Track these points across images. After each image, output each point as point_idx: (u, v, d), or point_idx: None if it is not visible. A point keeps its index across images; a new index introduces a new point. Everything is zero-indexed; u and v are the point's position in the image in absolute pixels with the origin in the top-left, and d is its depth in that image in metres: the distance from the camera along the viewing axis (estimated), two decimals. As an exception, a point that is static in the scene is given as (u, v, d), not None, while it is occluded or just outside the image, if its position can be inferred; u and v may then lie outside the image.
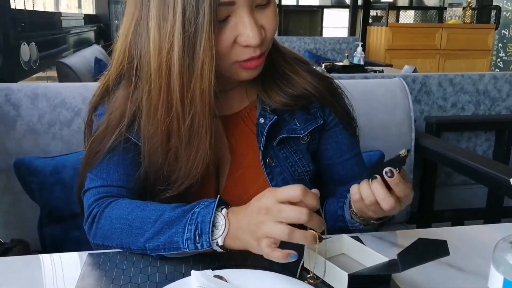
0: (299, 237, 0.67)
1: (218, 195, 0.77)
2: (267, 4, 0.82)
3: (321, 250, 0.72)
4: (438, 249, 0.64)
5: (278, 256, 0.67)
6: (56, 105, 1.35)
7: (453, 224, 2.30)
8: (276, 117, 0.92)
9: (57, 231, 1.28)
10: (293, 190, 0.68)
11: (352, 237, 0.81)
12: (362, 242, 0.80)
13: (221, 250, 0.74)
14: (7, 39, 1.68)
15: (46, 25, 2.38)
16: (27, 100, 1.34)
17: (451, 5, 5.83)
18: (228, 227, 0.73)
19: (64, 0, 3.75)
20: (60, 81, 2.29)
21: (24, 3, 1.91)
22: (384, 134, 1.59)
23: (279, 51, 0.96)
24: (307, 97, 0.94)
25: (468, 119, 2.18)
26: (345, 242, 0.80)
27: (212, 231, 0.73)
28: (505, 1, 6.04)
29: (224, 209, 0.74)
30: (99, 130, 0.89)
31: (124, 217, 0.81)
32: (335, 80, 1.01)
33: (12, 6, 1.78)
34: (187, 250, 0.74)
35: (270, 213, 0.68)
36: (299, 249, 0.70)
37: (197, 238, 0.73)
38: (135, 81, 0.84)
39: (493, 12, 5.82)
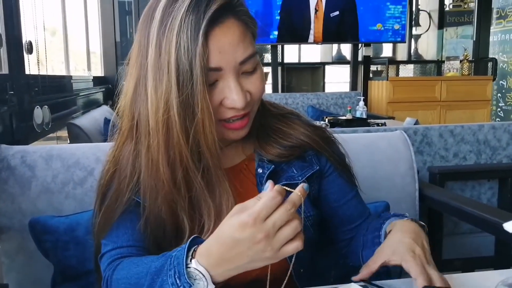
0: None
1: (194, 236, 0.78)
2: (253, 71, 0.88)
3: None
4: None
5: (300, 244, 0.71)
6: (70, 165, 1.39)
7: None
8: (273, 166, 0.96)
9: (70, 289, 1.30)
10: (269, 202, 0.69)
11: (361, 285, 0.83)
12: (370, 290, 0.82)
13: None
14: (22, 103, 1.75)
15: (58, 88, 2.47)
16: (42, 161, 1.38)
17: (448, 58, 5.97)
18: (206, 274, 0.73)
19: (72, 63, 3.88)
20: (71, 141, 2.35)
21: (38, 68, 1.99)
22: (388, 185, 1.62)
23: (268, 110, 1.02)
24: (303, 147, 0.99)
25: (470, 168, 2.22)
26: (354, 290, 0.82)
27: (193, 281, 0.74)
28: (500, 53, 6.18)
29: (194, 260, 0.74)
30: (111, 195, 0.93)
31: (125, 277, 0.84)
32: (327, 129, 1.07)
33: (27, 72, 1.87)
34: None
35: (268, 242, 0.69)
36: None
37: (178, 281, 0.74)
38: (136, 138, 0.90)
39: (490, 64, 5.95)
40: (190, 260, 0.74)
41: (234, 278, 0.75)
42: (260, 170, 0.97)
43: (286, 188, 0.72)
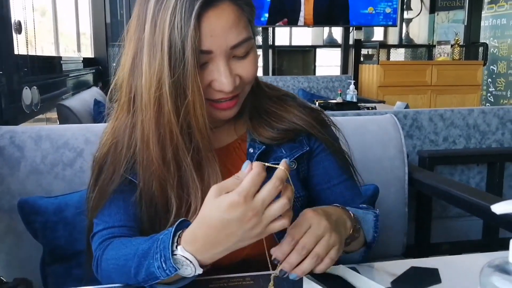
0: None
1: (181, 219, 0.79)
2: (245, 56, 0.87)
3: None
4: (430, 277, 0.67)
5: (287, 222, 0.71)
6: (59, 146, 1.38)
7: (450, 257, 2.31)
8: (264, 146, 0.96)
9: (59, 270, 1.30)
10: (256, 178, 0.68)
11: (349, 267, 0.84)
12: (359, 272, 0.83)
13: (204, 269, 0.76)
14: (11, 83, 1.73)
15: (47, 69, 2.44)
16: (31, 142, 1.38)
17: (439, 42, 5.97)
18: (194, 260, 0.73)
19: (62, 44, 3.83)
20: (60, 122, 2.34)
21: (27, 48, 1.97)
22: (378, 168, 1.62)
23: (263, 91, 1.01)
24: (296, 130, 0.98)
25: (459, 152, 2.23)
26: (342, 272, 0.83)
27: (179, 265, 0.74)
28: (491, 38, 6.20)
29: (179, 247, 0.74)
30: (107, 168, 0.93)
31: (114, 257, 0.85)
32: (324, 112, 1.06)
33: (16, 52, 1.84)
34: (163, 278, 0.76)
35: (257, 220, 0.69)
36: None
37: (164, 265, 0.75)
38: (132, 111, 0.90)
39: (481, 49, 5.97)
40: (176, 247, 0.74)
41: (223, 259, 0.76)
42: (251, 150, 0.97)
43: (268, 164, 0.72)
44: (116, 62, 0.95)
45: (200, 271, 0.75)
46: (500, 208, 0.56)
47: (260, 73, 5.73)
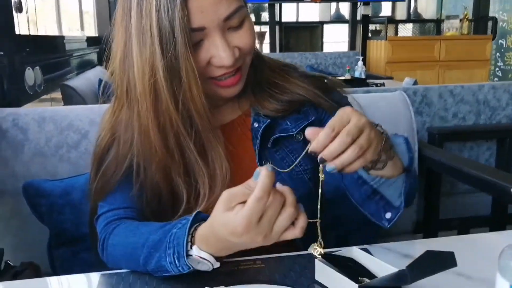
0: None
1: (195, 212, 0.77)
2: (240, 25, 0.84)
3: None
4: (446, 260, 0.65)
5: (299, 232, 0.70)
6: (63, 128, 1.37)
7: (459, 233, 2.30)
8: (269, 120, 0.94)
9: (66, 253, 1.29)
10: (257, 206, 0.66)
11: (361, 249, 0.82)
12: (371, 254, 0.81)
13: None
14: (12, 64, 1.70)
15: (50, 49, 2.41)
16: (35, 124, 1.36)
17: (448, 17, 5.88)
18: (210, 258, 0.74)
19: (65, 23, 3.79)
20: (64, 103, 2.32)
21: (29, 28, 1.94)
22: (387, 146, 1.60)
23: (264, 63, 0.99)
24: (300, 101, 0.96)
25: (469, 128, 2.19)
26: (354, 254, 0.81)
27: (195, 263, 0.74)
28: (500, 12, 6.09)
29: (194, 247, 0.74)
30: (109, 163, 0.91)
31: (121, 244, 0.84)
32: (328, 77, 1.02)
33: (17, 32, 1.81)
34: (174, 273, 0.75)
35: (266, 239, 0.69)
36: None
37: (177, 262, 0.74)
38: (127, 103, 0.87)
39: (490, 23, 5.86)
40: (191, 247, 0.74)
41: None
42: (256, 125, 0.94)
43: (275, 168, 0.69)
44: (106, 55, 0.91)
45: (217, 265, 0.75)
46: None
47: (267, 49, 5.68)
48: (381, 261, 0.76)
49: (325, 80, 1.01)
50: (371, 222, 1.49)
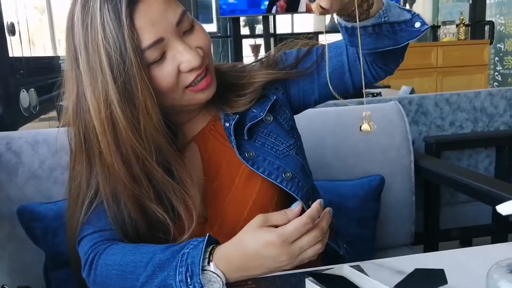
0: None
1: (207, 234, 0.79)
2: (192, 28, 0.87)
3: None
4: (436, 278, 0.65)
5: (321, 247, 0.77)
6: (57, 150, 1.36)
7: (461, 242, 2.28)
8: (237, 116, 0.96)
9: (62, 276, 1.29)
10: (301, 228, 0.74)
11: (352, 266, 0.81)
12: (363, 271, 0.81)
13: None
14: (7, 87, 1.71)
15: (45, 70, 2.42)
16: (28, 147, 1.36)
17: (444, 23, 5.88)
18: (223, 278, 0.76)
19: (61, 43, 3.80)
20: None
21: (22, 50, 1.95)
22: (383, 158, 1.59)
23: (218, 70, 1.00)
24: (261, 87, 0.98)
25: (467, 136, 2.19)
26: (345, 272, 0.81)
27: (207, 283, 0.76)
28: (497, 16, 6.09)
29: (212, 264, 0.77)
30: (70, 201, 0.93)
31: (118, 263, 0.83)
32: (271, 52, 1.06)
33: (11, 55, 1.82)
34: None
35: (290, 261, 0.75)
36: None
37: (189, 280, 0.75)
38: (86, 151, 0.88)
39: (487, 28, 5.87)
40: (208, 263, 0.77)
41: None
42: (227, 124, 0.96)
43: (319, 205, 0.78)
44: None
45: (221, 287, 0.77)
46: (505, 208, 0.53)
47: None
48: (372, 280, 0.75)
49: (266, 57, 1.05)
50: (366, 237, 1.49)
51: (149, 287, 0.79)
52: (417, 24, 0.83)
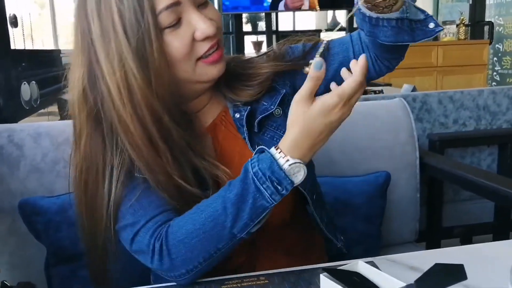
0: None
1: (256, 150, 0.83)
2: (206, 3, 0.88)
3: None
4: (456, 273, 0.63)
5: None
6: (60, 143, 1.34)
7: (462, 240, 2.27)
8: (249, 107, 0.96)
9: (64, 271, 1.27)
10: (357, 87, 0.78)
11: (367, 262, 0.79)
12: (377, 267, 0.79)
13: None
14: (8, 79, 1.69)
15: (46, 63, 2.40)
16: (30, 140, 1.34)
17: (444, 23, 5.88)
18: (304, 168, 0.79)
19: (62, 37, 3.78)
20: (61, 117, 2.30)
21: (24, 42, 1.93)
22: (388, 155, 1.58)
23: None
24: (269, 79, 0.98)
25: (470, 134, 2.18)
26: (360, 268, 0.79)
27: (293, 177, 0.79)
28: (496, 17, 6.10)
29: (289, 157, 0.78)
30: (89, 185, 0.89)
31: (193, 230, 0.81)
32: (278, 44, 1.06)
33: (12, 47, 1.80)
34: (275, 203, 0.79)
35: (350, 108, 0.80)
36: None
37: (279, 187, 0.78)
38: (106, 124, 0.86)
39: (486, 28, 5.87)
40: (286, 161, 0.78)
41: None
42: (237, 115, 0.96)
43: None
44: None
45: (306, 171, 0.79)
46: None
47: (263, 59, 5.66)
48: (387, 275, 0.74)
49: (271, 50, 1.05)
50: (373, 234, 1.48)
51: (239, 224, 0.79)
52: (431, 25, 0.85)
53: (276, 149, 0.79)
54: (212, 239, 0.80)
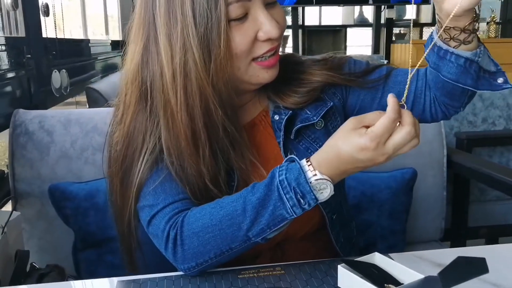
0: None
1: (287, 158, 0.79)
2: (274, 3, 0.85)
3: None
4: (478, 267, 0.63)
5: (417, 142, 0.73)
6: (89, 130, 1.37)
7: (488, 241, 2.24)
8: (291, 111, 0.92)
9: (91, 256, 1.29)
10: (390, 125, 0.71)
11: (383, 255, 0.79)
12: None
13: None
14: (40, 67, 1.72)
15: (76, 52, 2.43)
16: (60, 126, 1.36)
17: (475, 20, 5.78)
18: (331, 180, 0.75)
19: (90, 27, 3.83)
20: (90, 106, 2.33)
21: (56, 31, 1.96)
22: (415, 151, 1.54)
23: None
24: (317, 89, 0.94)
25: (499, 134, 2.14)
26: (377, 260, 0.79)
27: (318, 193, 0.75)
28: (530, 14, 5.97)
29: (317, 172, 0.75)
30: (123, 161, 0.88)
31: (209, 225, 0.79)
32: (336, 55, 1.01)
33: (44, 35, 1.83)
34: (295, 216, 0.76)
35: (386, 160, 0.73)
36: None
37: (302, 200, 0.75)
38: (150, 105, 0.84)
39: (519, 26, 5.76)
40: (314, 174, 0.75)
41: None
42: (276, 117, 0.93)
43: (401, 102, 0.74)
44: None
45: (333, 190, 0.76)
46: None
47: (289, 53, 5.65)
48: (405, 267, 0.74)
49: (331, 58, 1.00)
50: (398, 230, 1.46)
51: (256, 228, 0.77)
52: (500, 80, 0.82)
53: (307, 161, 0.76)
54: (227, 237, 0.79)
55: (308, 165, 0.76)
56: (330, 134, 0.94)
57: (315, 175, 0.75)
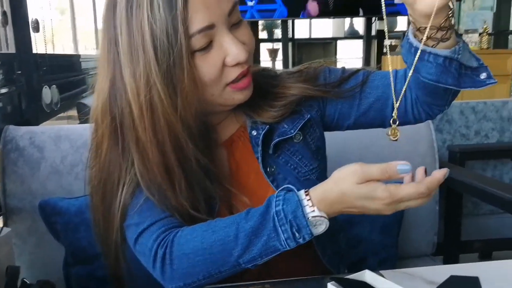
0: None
1: (284, 187, 0.78)
2: (239, 22, 0.83)
3: None
4: (471, 286, 0.63)
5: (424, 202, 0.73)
6: (79, 146, 1.36)
7: (481, 255, 2.24)
8: (268, 126, 0.91)
9: (82, 272, 1.28)
10: (414, 195, 0.71)
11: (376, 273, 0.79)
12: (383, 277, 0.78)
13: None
14: (30, 83, 1.72)
15: (67, 68, 2.44)
16: (51, 142, 1.36)
17: (466, 31, 5.82)
18: (327, 223, 0.75)
19: (81, 42, 3.83)
20: (80, 121, 2.33)
21: (45, 47, 1.96)
22: (407, 165, 1.56)
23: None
24: (293, 102, 0.93)
25: (492, 147, 2.14)
26: (367, 278, 0.78)
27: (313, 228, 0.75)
28: (521, 26, 6.02)
29: (315, 208, 0.74)
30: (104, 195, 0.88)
31: (200, 248, 0.78)
32: (311, 64, 1.00)
33: (34, 51, 1.83)
34: (288, 248, 0.75)
35: (394, 210, 0.73)
36: None
37: (297, 234, 0.74)
38: (122, 141, 0.83)
39: (510, 37, 5.80)
40: (313, 210, 0.74)
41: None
42: (254, 133, 0.92)
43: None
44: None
45: (328, 226, 0.76)
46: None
47: (279, 66, 5.67)
48: (396, 285, 0.73)
49: (306, 69, 0.99)
50: (389, 244, 1.46)
51: (247, 256, 0.76)
52: (483, 75, 0.80)
53: (306, 195, 0.75)
54: (217, 261, 0.78)
55: (307, 200, 0.75)
56: (309, 146, 0.96)
57: (313, 211, 0.74)
